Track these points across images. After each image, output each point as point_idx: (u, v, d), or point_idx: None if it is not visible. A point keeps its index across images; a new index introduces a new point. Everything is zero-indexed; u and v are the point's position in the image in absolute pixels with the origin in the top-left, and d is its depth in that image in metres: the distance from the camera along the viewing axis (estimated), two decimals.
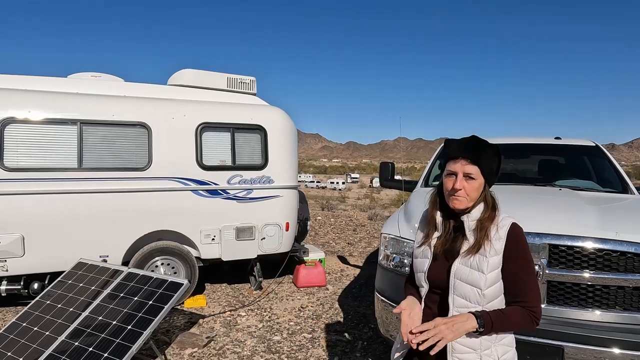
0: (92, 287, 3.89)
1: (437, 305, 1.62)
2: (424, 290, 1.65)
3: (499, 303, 1.53)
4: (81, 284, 3.97)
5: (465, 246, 1.54)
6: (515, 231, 1.54)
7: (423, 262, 1.65)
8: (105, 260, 4.57)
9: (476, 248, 1.51)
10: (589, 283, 2.58)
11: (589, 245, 2.57)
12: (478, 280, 1.49)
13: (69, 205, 4.44)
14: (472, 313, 1.48)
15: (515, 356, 1.61)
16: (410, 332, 1.50)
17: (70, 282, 4.03)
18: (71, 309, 3.69)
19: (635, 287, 2.55)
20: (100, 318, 3.50)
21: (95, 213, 4.57)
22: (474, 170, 1.52)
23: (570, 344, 2.47)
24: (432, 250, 1.63)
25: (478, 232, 1.52)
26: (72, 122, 4.51)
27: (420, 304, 1.65)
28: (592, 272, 2.58)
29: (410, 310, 1.59)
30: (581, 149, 4.50)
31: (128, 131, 4.76)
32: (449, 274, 1.55)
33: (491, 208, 1.57)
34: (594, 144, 4.49)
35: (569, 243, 2.59)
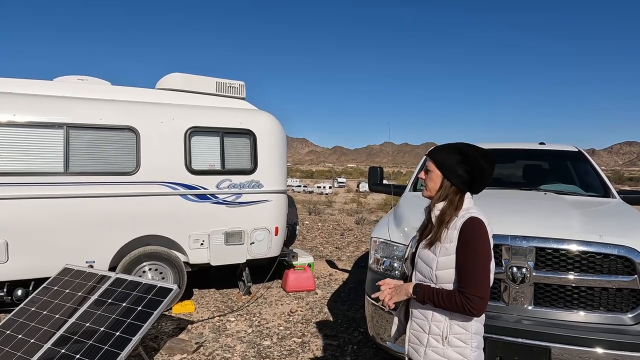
0: (79, 294, 3.83)
1: (408, 279, 1.94)
2: (409, 272, 1.95)
3: (452, 287, 1.71)
4: (67, 290, 3.90)
5: (429, 236, 1.81)
6: (469, 224, 1.69)
7: (410, 249, 2.01)
8: (91, 266, 4.50)
9: (430, 240, 1.77)
10: (575, 285, 2.66)
11: (574, 248, 2.65)
12: (431, 261, 1.75)
13: (54, 210, 4.37)
14: (417, 283, 1.78)
15: (474, 341, 1.71)
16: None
17: (55, 288, 3.95)
18: (57, 316, 3.62)
19: (618, 288, 2.63)
20: (87, 325, 3.44)
21: (82, 218, 4.50)
22: (430, 164, 1.82)
23: (557, 345, 2.53)
24: (417, 238, 1.93)
25: (436, 227, 1.77)
26: (58, 125, 4.44)
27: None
28: (577, 274, 2.65)
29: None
30: (564, 154, 4.62)
31: (116, 135, 4.71)
32: None
33: (455, 208, 1.75)
34: (577, 149, 4.62)
35: (555, 246, 2.66)
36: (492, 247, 1.73)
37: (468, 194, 1.80)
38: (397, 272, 3.19)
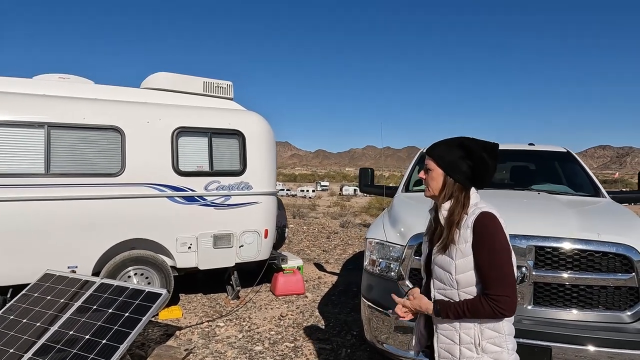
0: (61, 300, 3.65)
1: (424, 289, 1.81)
2: (424, 281, 1.83)
3: (475, 290, 1.61)
4: (49, 297, 3.72)
5: (441, 239, 1.69)
6: (481, 220, 1.59)
7: (423, 257, 1.85)
8: (74, 271, 4.32)
9: (444, 243, 1.65)
10: (574, 283, 2.65)
11: (573, 246, 2.64)
12: (449, 266, 1.63)
13: (35, 213, 4.17)
14: (435, 300, 1.68)
15: (509, 343, 1.62)
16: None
17: (36, 295, 3.77)
18: (38, 324, 3.44)
19: (617, 286, 2.63)
20: (71, 333, 3.28)
21: (64, 221, 4.31)
22: (430, 162, 1.72)
23: (557, 344, 2.52)
24: (428, 245, 1.80)
25: (446, 229, 1.66)
26: (39, 125, 4.26)
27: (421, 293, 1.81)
28: (576, 272, 2.65)
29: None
30: (553, 155, 4.67)
31: (99, 135, 4.55)
32: None
33: (463, 206, 1.64)
34: (566, 150, 4.67)
35: (555, 245, 2.65)
36: (509, 240, 1.61)
37: (473, 189, 1.69)
38: (393, 273, 3.14)
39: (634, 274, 2.60)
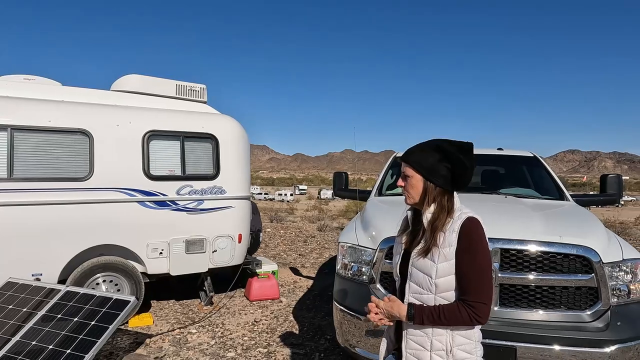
0: (24, 309, 3.53)
1: (399, 292, 1.76)
2: (397, 283, 1.79)
3: (453, 296, 1.58)
4: (10, 306, 3.59)
5: (422, 242, 1.64)
6: (468, 225, 1.57)
7: (396, 257, 1.79)
8: (38, 279, 4.18)
9: (426, 246, 1.60)
10: (537, 284, 2.73)
11: (537, 248, 2.72)
12: (429, 269, 1.59)
13: None
14: (409, 304, 1.62)
15: (478, 350, 1.62)
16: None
17: None
18: None
19: (577, 286, 2.73)
20: (34, 343, 3.17)
21: (28, 227, 4.16)
22: (407, 169, 1.67)
23: (522, 344, 2.59)
24: (403, 246, 1.75)
25: (430, 232, 1.61)
26: (1, 127, 4.11)
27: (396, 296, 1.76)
28: (539, 274, 2.73)
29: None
30: (521, 160, 4.80)
31: (66, 138, 4.42)
32: None
33: (447, 212, 1.61)
34: (533, 155, 4.82)
35: (519, 247, 2.72)
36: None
37: (455, 193, 1.67)
38: (364, 276, 3.16)
39: (593, 274, 2.70)
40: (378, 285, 3.06)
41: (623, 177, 4.56)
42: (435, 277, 1.57)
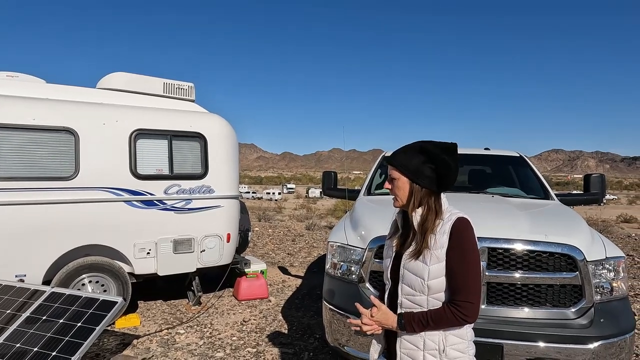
0: (7, 311, 3.46)
1: (389, 294, 1.77)
2: (388, 286, 1.78)
3: (444, 296, 1.61)
4: None
5: (413, 244, 1.66)
6: (459, 226, 1.59)
7: (387, 261, 1.79)
8: (22, 280, 4.10)
9: (418, 249, 1.62)
10: (524, 282, 2.78)
11: (523, 247, 2.77)
12: (422, 271, 1.61)
13: None
14: (399, 314, 1.65)
15: (470, 349, 1.65)
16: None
17: None
18: None
19: (562, 284, 2.78)
20: (17, 345, 3.11)
21: (10, 228, 4.08)
22: (393, 172, 1.70)
23: (509, 341, 2.63)
24: (394, 249, 1.76)
25: (420, 235, 1.63)
26: None
27: (384, 300, 1.79)
28: (525, 272, 2.77)
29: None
30: (507, 159, 4.87)
31: (51, 137, 4.34)
32: None
33: (435, 213, 1.63)
34: (519, 155, 4.89)
35: (506, 246, 2.76)
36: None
37: (442, 194, 1.68)
38: (354, 276, 3.18)
39: (577, 272, 2.76)
40: (367, 285, 3.07)
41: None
42: (428, 278, 1.59)
